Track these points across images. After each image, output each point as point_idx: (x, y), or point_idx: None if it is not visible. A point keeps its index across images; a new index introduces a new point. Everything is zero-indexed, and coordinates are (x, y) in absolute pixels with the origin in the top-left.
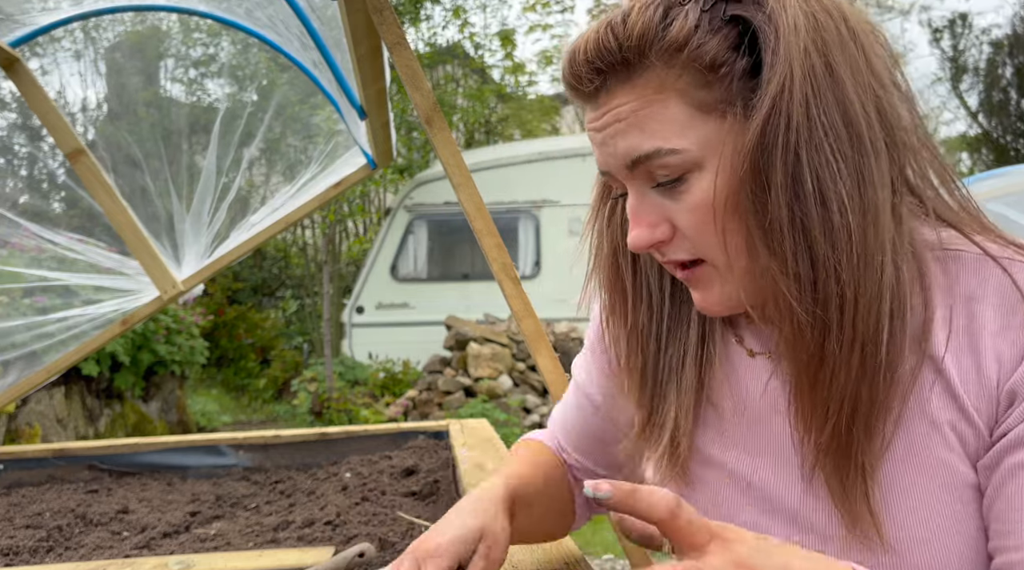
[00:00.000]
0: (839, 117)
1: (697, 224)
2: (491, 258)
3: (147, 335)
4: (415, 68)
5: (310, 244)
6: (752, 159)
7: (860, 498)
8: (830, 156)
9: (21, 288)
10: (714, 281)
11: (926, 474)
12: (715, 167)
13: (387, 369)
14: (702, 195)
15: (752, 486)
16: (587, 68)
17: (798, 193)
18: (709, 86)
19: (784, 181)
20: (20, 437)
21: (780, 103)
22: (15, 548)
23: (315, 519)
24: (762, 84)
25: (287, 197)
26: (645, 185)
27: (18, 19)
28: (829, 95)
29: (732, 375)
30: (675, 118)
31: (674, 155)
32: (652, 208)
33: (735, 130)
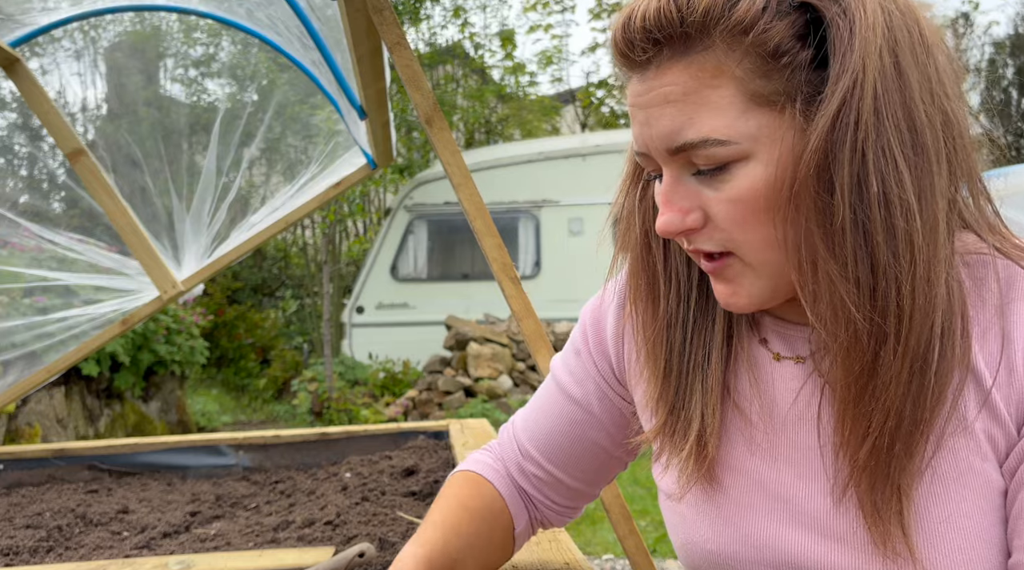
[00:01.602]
0: (904, 122)
1: (735, 216)
2: (491, 258)
3: (147, 335)
4: (415, 68)
5: (310, 244)
6: (818, 157)
7: (894, 517)
8: (897, 159)
9: (21, 288)
10: (743, 276)
11: (960, 483)
12: (765, 161)
13: (387, 369)
14: (747, 187)
15: (778, 496)
16: (642, 36)
17: (863, 196)
18: (768, 75)
19: (850, 182)
20: (20, 437)
21: (851, 100)
22: (15, 548)
23: (315, 519)
24: (830, 79)
25: (287, 197)
26: (684, 170)
27: (18, 19)
28: (896, 98)
29: (759, 378)
30: (729, 107)
31: (722, 146)
32: (687, 194)
33: (794, 125)
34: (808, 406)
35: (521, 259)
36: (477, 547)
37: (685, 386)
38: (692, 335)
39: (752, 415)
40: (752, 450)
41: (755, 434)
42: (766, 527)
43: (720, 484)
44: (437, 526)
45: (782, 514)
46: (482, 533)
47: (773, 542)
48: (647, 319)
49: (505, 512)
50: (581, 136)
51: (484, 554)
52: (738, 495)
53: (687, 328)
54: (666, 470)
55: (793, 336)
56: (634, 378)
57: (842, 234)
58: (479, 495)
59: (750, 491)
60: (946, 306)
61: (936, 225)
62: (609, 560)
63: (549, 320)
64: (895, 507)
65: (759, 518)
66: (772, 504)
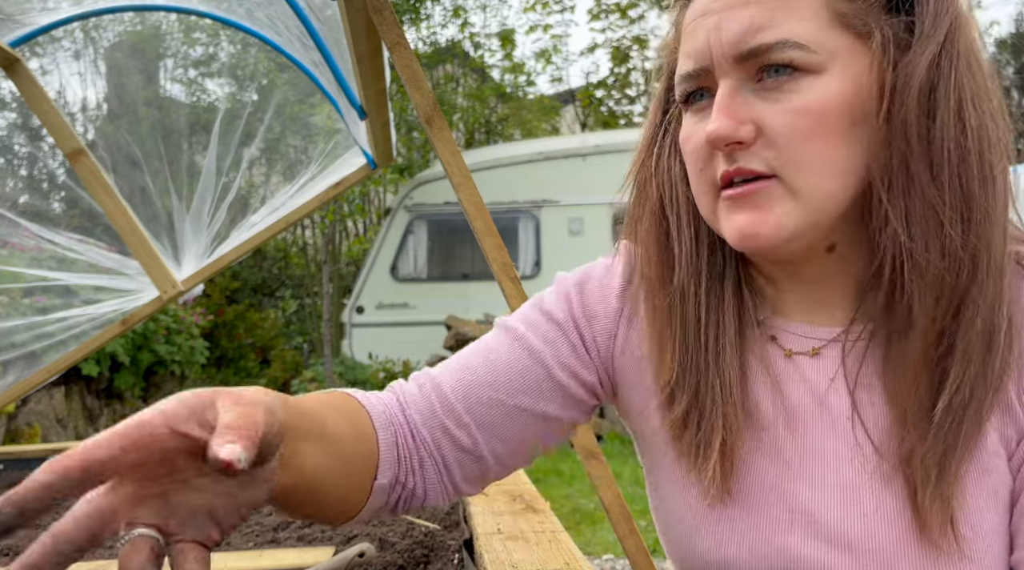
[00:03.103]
0: (983, 78)
1: (797, 128)
2: (491, 258)
3: (147, 335)
4: (415, 68)
5: (310, 244)
6: (920, 83)
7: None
8: (991, 98)
9: (21, 288)
10: (779, 203)
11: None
12: (840, 77)
13: (387, 369)
14: (816, 99)
15: (788, 503)
16: None
17: (964, 126)
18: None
19: (953, 110)
20: (20, 437)
21: (953, 36)
22: (15, 548)
23: None
24: (929, 14)
25: (287, 197)
26: (745, 81)
27: (18, 19)
28: (976, 55)
29: (772, 377)
30: (814, 17)
31: (801, 51)
32: (744, 105)
33: (873, 53)
34: (829, 404)
35: (521, 259)
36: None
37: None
38: (706, 319)
39: (765, 417)
40: (763, 454)
41: (765, 437)
42: (775, 536)
43: (742, 495)
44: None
45: (791, 523)
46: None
47: (780, 552)
48: (659, 292)
49: (372, 447)
50: (581, 136)
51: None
52: (747, 503)
53: (699, 309)
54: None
55: (804, 334)
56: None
57: (941, 159)
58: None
59: (760, 498)
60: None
61: (994, 177)
62: (609, 560)
63: None
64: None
65: (768, 527)
66: (782, 513)
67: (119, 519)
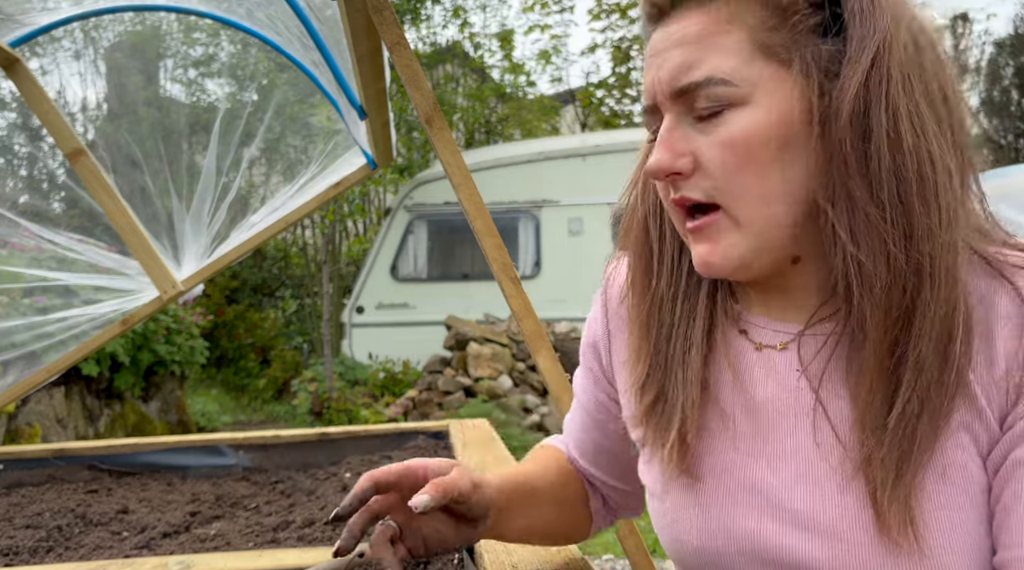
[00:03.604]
0: (923, 92)
1: (727, 160)
2: (491, 258)
3: (147, 335)
4: (415, 68)
5: (310, 244)
6: (852, 106)
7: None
8: (925, 115)
9: (21, 288)
10: (726, 234)
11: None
12: (765, 107)
13: (387, 369)
14: (741, 130)
15: (759, 490)
16: None
17: (899, 144)
18: (777, 29)
19: (886, 130)
20: (20, 437)
21: (883, 56)
22: (15, 548)
23: (315, 519)
24: (855, 38)
25: (287, 197)
26: (684, 115)
27: (18, 19)
28: (919, 66)
29: (740, 371)
30: (737, 51)
31: (724, 86)
32: (682, 137)
33: (799, 80)
34: (794, 396)
35: (521, 259)
36: (552, 498)
37: (670, 376)
38: (679, 321)
39: (733, 409)
40: (733, 444)
41: (736, 428)
42: (748, 522)
43: (702, 480)
44: (530, 461)
45: (764, 508)
46: (560, 488)
47: (755, 536)
48: (640, 299)
49: (580, 481)
50: (581, 136)
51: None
52: (720, 490)
53: (674, 313)
54: (650, 465)
55: (773, 329)
56: (619, 366)
57: (879, 180)
58: (561, 462)
59: (731, 486)
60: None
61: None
62: (609, 560)
63: (549, 320)
64: (904, 492)
65: (741, 513)
66: (753, 499)
67: (384, 511)
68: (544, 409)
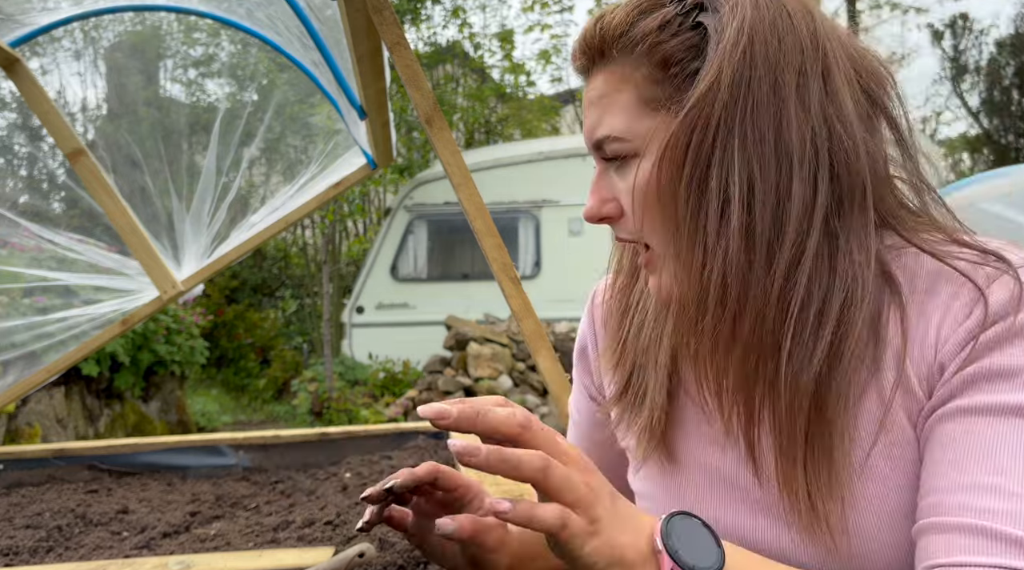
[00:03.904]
0: (771, 131)
1: (634, 206)
2: (491, 258)
3: (147, 335)
4: (415, 68)
5: (310, 244)
6: (668, 153)
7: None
8: (746, 164)
9: (21, 288)
10: (660, 266)
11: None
12: (652, 158)
13: (387, 369)
14: (636, 182)
15: (728, 480)
16: (578, 50)
17: (702, 190)
18: (659, 83)
19: (691, 177)
20: (20, 437)
21: (703, 105)
22: (15, 548)
23: (315, 519)
24: (695, 85)
25: (287, 197)
26: (608, 164)
27: (18, 19)
28: (764, 109)
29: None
30: (626, 109)
31: (620, 143)
32: (606, 185)
33: (665, 125)
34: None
35: (521, 259)
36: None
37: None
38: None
39: (691, 398)
40: (703, 436)
41: (706, 420)
42: (720, 512)
43: (677, 473)
44: None
45: (732, 498)
46: None
47: (728, 527)
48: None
49: None
50: (581, 136)
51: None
52: (692, 482)
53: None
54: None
55: None
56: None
57: (681, 222)
58: None
59: (703, 477)
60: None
61: (782, 223)
62: None
63: (549, 320)
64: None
65: (714, 503)
66: (723, 489)
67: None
68: (544, 409)
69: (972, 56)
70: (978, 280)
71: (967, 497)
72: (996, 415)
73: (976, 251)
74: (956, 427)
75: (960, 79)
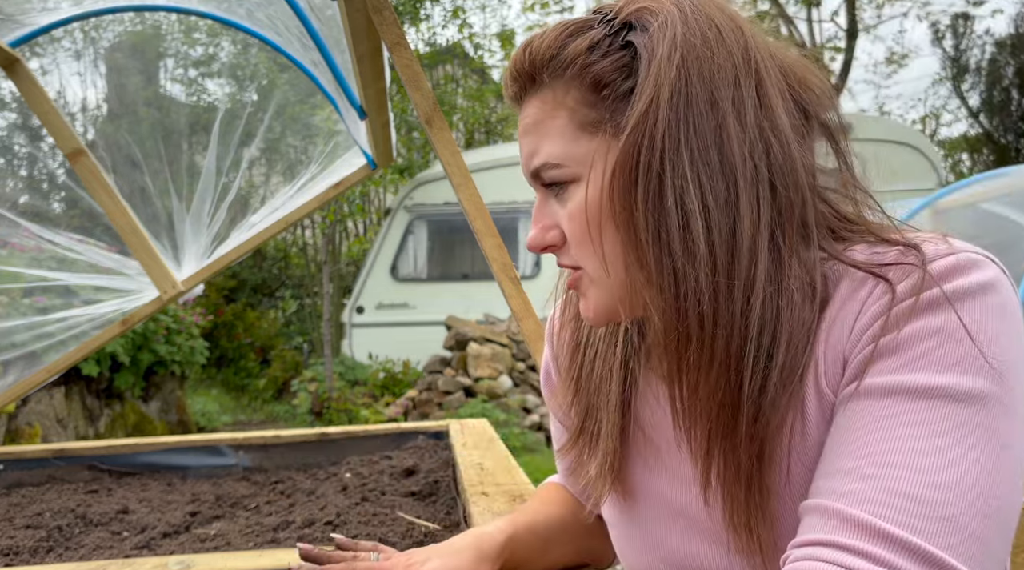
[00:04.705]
0: (714, 147)
1: (573, 232)
2: (491, 258)
3: (147, 335)
4: (415, 68)
5: (310, 244)
6: (618, 176)
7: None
8: (697, 180)
9: (21, 288)
10: (589, 289)
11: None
12: (591, 181)
13: (387, 369)
14: (577, 206)
15: (679, 510)
16: (509, 77)
17: (659, 209)
18: (593, 105)
19: (645, 197)
20: (20, 437)
21: (645, 123)
22: (15, 548)
23: (315, 519)
24: (632, 105)
25: (287, 197)
26: (548, 191)
27: (18, 19)
28: (705, 125)
29: (646, 403)
30: (561, 133)
31: (558, 169)
32: (548, 213)
33: (605, 148)
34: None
35: (521, 259)
36: (568, 535)
37: (593, 405)
38: (601, 355)
39: (651, 434)
40: (654, 468)
41: (656, 452)
42: (674, 541)
43: (634, 504)
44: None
45: (685, 527)
46: (573, 525)
47: (682, 556)
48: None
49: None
50: None
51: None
52: (648, 513)
53: (596, 348)
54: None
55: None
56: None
57: (644, 245)
58: (567, 500)
59: (656, 508)
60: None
61: (746, 246)
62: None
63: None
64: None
65: (667, 533)
66: (675, 519)
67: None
68: (544, 409)
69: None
70: (890, 278)
71: (830, 481)
72: (872, 398)
73: (901, 247)
74: (841, 416)
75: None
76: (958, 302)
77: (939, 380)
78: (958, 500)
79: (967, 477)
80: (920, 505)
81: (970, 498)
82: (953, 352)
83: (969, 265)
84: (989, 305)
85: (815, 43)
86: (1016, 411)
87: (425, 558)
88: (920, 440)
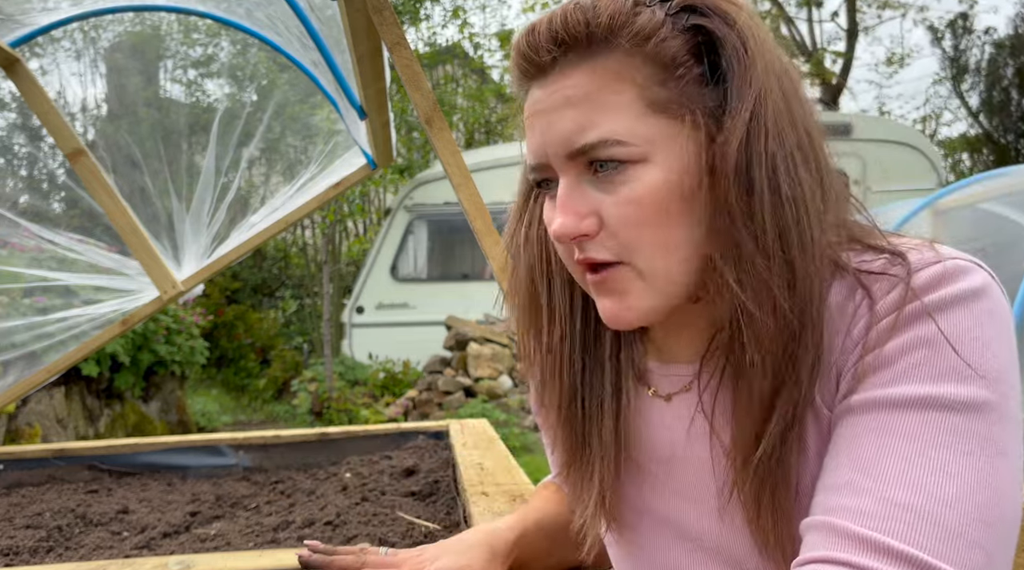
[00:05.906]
0: (798, 134)
1: (631, 218)
2: (491, 258)
3: (147, 335)
4: (415, 68)
5: (310, 244)
6: (735, 160)
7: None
8: (799, 165)
9: (21, 288)
10: (632, 286)
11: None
12: (662, 164)
13: (387, 369)
14: (644, 189)
15: (678, 526)
16: (547, 38)
17: (777, 196)
18: (665, 84)
19: (765, 184)
20: (20, 437)
21: (760, 111)
22: (15, 548)
23: (315, 519)
24: (735, 92)
25: (287, 197)
26: (582, 175)
27: (18, 19)
28: (789, 114)
29: (648, 425)
30: (629, 110)
31: (622, 147)
32: (583, 198)
33: (693, 134)
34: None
35: None
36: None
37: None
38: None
39: (648, 461)
40: (653, 491)
41: (649, 478)
42: (672, 558)
43: (631, 526)
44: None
45: (686, 544)
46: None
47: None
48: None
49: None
50: None
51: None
52: (647, 535)
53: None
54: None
55: (671, 373)
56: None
57: (764, 232)
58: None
59: (656, 529)
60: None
61: (825, 229)
62: None
63: None
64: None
65: (669, 554)
66: (674, 536)
67: None
68: None
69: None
70: (873, 288)
71: (829, 496)
72: (866, 411)
73: (887, 255)
74: (838, 429)
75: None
76: (948, 309)
77: (932, 390)
78: (957, 510)
79: (965, 486)
80: (919, 516)
81: (969, 507)
82: (944, 361)
83: (957, 272)
84: (979, 311)
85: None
86: (1011, 417)
87: (436, 555)
88: (916, 451)
